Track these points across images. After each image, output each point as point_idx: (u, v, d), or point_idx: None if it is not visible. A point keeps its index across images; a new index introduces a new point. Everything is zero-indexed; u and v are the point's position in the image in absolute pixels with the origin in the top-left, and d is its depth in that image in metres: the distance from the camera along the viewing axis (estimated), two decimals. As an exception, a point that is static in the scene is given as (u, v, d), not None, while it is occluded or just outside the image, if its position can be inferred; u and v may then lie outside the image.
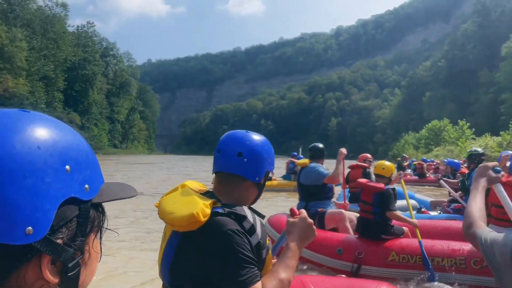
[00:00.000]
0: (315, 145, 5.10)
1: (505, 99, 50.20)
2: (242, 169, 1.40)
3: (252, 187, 1.45)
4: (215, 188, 1.46)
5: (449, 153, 36.45)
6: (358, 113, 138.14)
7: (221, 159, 1.44)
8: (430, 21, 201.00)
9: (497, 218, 3.73)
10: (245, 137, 1.46)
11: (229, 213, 1.28)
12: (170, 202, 1.32)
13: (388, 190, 4.09)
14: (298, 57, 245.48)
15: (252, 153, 1.42)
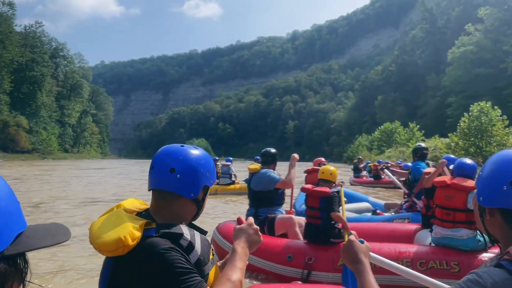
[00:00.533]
0: (267, 150, 4.98)
1: (451, 102, 52.74)
2: (176, 186, 1.34)
3: (189, 204, 1.39)
4: (151, 207, 1.40)
5: (401, 154, 37.88)
6: (314, 115, 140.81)
7: (155, 175, 1.38)
8: (381, 27, 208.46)
9: (442, 219, 3.77)
10: (178, 152, 1.40)
11: (162, 234, 1.22)
12: (99, 226, 1.25)
13: (333, 193, 4.11)
14: (255, 60, 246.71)
15: (185, 168, 1.36)
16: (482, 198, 1.05)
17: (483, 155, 21.85)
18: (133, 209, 1.37)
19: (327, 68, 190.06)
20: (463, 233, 3.58)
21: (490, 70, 48.06)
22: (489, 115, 22.00)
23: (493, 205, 1.01)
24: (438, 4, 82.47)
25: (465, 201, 3.61)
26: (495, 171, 1.02)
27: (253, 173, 4.82)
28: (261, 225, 4.41)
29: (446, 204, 3.74)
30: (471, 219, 3.54)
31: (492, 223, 1.05)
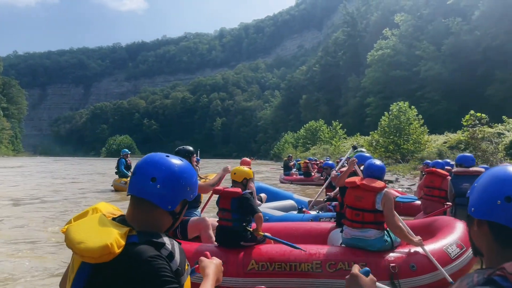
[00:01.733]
0: (181, 148, 4.59)
1: (370, 102, 55.71)
2: (154, 196, 1.33)
3: (164, 215, 1.37)
4: (128, 213, 1.38)
5: (325, 151, 39.14)
6: (242, 113, 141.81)
7: (135, 182, 1.37)
8: (305, 29, 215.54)
9: (351, 220, 3.78)
10: (162, 161, 1.38)
11: (146, 241, 1.23)
12: (80, 230, 1.23)
13: (245, 194, 3.93)
14: (182, 56, 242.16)
15: (167, 179, 1.34)
16: (474, 209, 1.05)
17: (401, 152, 23.14)
18: (108, 214, 1.36)
19: (254, 66, 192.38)
20: (371, 234, 3.62)
21: (405, 72, 51.44)
22: (406, 114, 23.39)
23: (484, 218, 1.01)
24: (358, 9, 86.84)
25: (373, 202, 3.63)
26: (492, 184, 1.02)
27: None
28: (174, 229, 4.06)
29: (355, 205, 3.77)
30: (380, 220, 3.62)
31: (479, 235, 1.06)
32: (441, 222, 4.47)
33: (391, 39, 56.30)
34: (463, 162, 5.64)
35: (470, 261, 3.72)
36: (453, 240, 3.82)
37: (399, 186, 12.54)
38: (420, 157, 18.44)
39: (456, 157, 5.91)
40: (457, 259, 3.63)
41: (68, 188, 13.77)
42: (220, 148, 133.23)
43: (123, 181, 12.37)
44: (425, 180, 6.52)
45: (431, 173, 6.47)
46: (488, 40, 40.87)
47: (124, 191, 12.27)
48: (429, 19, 52.43)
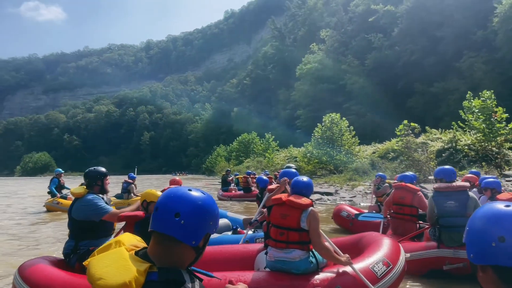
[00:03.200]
0: (92, 170, 4.14)
1: (300, 115, 56.86)
2: (178, 231, 1.32)
3: (188, 250, 1.36)
4: (150, 248, 1.37)
5: (259, 163, 38.83)
6: (171, 126, 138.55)
7: (158, 217, 1.36)
8: (235, 43, 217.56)
9: (276, 240, 3.57)
10: (185, 196, 1.39)
11: (166, 280, 1.23)
12: (101, 265, 1.24)
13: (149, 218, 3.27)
14: (106, 68, 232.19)
15: (190, 214, 1.35)
16: (473, 255, 1.03)
17: (334, 163, 23.34)
18: (131, 246, 1.37)
19: (184, 79, 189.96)
20: (296, 255, 3.45)
21: (332, 86, 53.21)
22: (339, 126, 23.76)
23: (485, 263, 0.99)
24: (286, 24, 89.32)
25: (298, 220, 3.47)
26: (482, 227, 1.02)
27: (76, 198, 3.98)
28: (81, 259, 3.64)
29: (280, 223, 3.59)
30: (305, 240, 3.45)
31: (486, 280, 1.03)
32: (368, 239, 4.30)
33: (318, 54, 58.21)
34: (443, 176, 4.99)
35: (397, 279, 3.61)
36: (379, 258, 3.68)
37: (340, 198, 12.24)
38: (354, 168, 18.62)
39: (435, 171, 5.29)
40: (384, 278, 3.49)
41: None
42: (149, 163, 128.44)
43: (56, 201, 11.96)
44: (394, 196, 5.90)
45: (400, 188, 5.87)
46: (407, 55, 43.63)
47: (57, 211, 11.70)
48: (353, 35, 55.03)
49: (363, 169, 17.92)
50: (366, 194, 12.43)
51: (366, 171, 17.73)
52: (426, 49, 41.61)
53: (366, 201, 11.28)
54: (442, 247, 4.64)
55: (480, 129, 13.32)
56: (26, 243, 7.25)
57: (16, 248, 6.79)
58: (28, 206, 14.34)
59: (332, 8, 67.75)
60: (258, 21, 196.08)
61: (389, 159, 21.18)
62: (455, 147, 16.91)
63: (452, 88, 35.68)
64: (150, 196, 3.93)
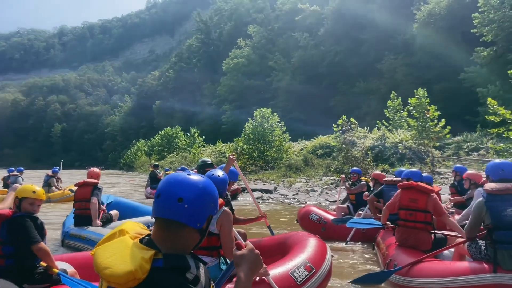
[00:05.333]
0: None
1: (226, 110, 56.15)
2: (182, 216, 1.35)
3: (193, 233, 1.39)
4: (155, 234, 1.39)
5: (183, 159, 37.32)
6: (86, 119, 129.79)
7: (161, 204, 1.38)
8: (157, 34, 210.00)
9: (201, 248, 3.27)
10: (186, 181, 1.41)
11: (171, 267, 1.25)
12: (106, 254, 1.26)
13: (18, 216, 3.14)
14: (13, 53, 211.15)
15: (193, 198, 1.37)
16: None
17: (265, 159, 22.87)
18: (135, 234, 1.39)
19: (101, 68, 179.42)
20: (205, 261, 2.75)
21: (259, 82, 53.20)
22: (270, 121, 23.33)
23: None
24: (212, 18, 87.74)
25: None
26: None
27: None
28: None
29: None
30: (214, 244, 3.17)
31: None
32: (294, 239, 3.99)
33: (245, 49, 57.82)
34: (505, 175, 3.64)
35: (320, 284, 3.34)
36: (302, 261, 3.38)
37: (282, 196, 11.59)
38: (288, 164, 18.24)
39: (487, 167, 3.95)
40: (305, 284, 3.22)
41: None
42: (60, 157, 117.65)
43: None
44: (402, 199, 4.69)
45: (410, 188, 4.66)
46: (331, 55, 44.86)
47: None
48: (280, 32, 55.46)
49: (296, 166, 17.60)
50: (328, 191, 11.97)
51: (300, 168, 17.43)
52: (349, 50, 43.08)
53: (310, 199, 10.77)
54: (500, 271, 3.38)
55: (414, 127, 13.57)
56: None
57: None
58: None
59: (259, 5, 67.84)
60: (182, 13, 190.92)
61: (317, 155, 21.20)
62: (384, 145, 17.23)
63: (374, 89, 37.25)
64: (22, 191, 3.36)
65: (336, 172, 13.88)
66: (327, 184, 12.90)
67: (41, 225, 3.26)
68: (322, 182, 13.46)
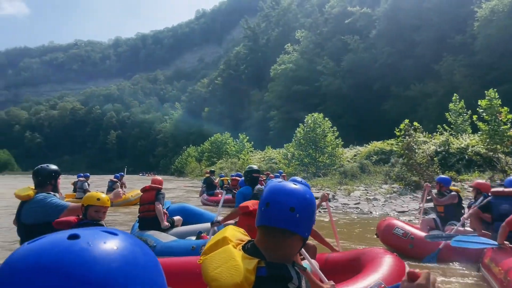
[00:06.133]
0: (45, 168, 3.68)
1: (273, 116, 55.83)
2: (294, 225, 1.36)
3: (298, 242, 1.41)
4: (259, 241, 1.40)
5: (233, 165, 37.33)
6: (139, 126, 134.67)
7: (271, 213, 1.38)
8: (205, 43, 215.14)
9: None
10: (295, 190, 1.42)
11: (274, 276, 1.27)
12: (213, 265, 1.31)
13: (85, 224, 3.25)
14: (72, 64, 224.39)
15: (304, 208, 1.39)
16: None
17: (317, 166, 22.19)
18: (237, 241, 1.42)
19: (153, 78, 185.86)
20: None
21: (307, 87, 52.44)
22: (322, 126, 22.64)
23: None
24: (259, 25, 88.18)
25: None
26: None
27: (23, 201, 3.52)
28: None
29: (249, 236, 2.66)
30: None
31: None
32: (368, 256, 3.67)
33: (293, 54, 57.35)
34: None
35: None
36: (375, 282, 3.05)
37: (342, 205, 10.91)
38: (343, 171, 17.49)
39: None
40: None
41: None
42: (115, 163, 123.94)
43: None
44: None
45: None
46: (383, 57, 43.33)
47: None
48: (328, 36, 54.46)
49: (352, 172, 16.81)
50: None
51: (355, 175, 16.62)
52: (403, 52, 41.42)
53: (375, 209, 10.02)
54: None
55: (485, 131, 12.43)
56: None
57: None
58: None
59: (306, 10, 67.29)
60: (229, 22, 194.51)
61: (372, 162, 20.23)
62: (448, 151, 16.06)
63: (430, 91, 35.43)
64: (87, 199, 3.41)
65: (399, 180, 12.97)
66: (389, 193, 12.07)
67: None
68: (383, 190, 12.62)
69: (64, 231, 0.64)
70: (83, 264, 0.56)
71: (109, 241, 0.61)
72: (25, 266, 0.56)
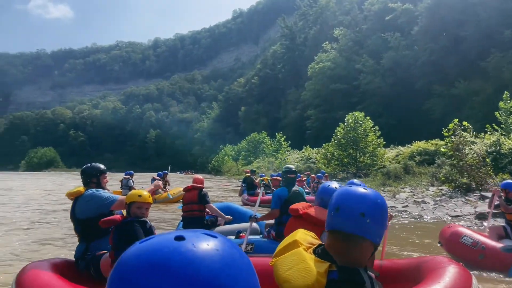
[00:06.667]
0: (88, 167, 3.93)
1: (310, 115, 55.23)
2: (364, 230, 1.35)
3: (369, 247, 1.38)
4: (330, 247, 1.39)
5: (270, 164, 37.26)
6: (177, 125, 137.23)
7: (341, 218, 1.37)
8: (242, 42, 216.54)
9: None
10: (367, 196, 1.40)
11: (346, 280, 1.26)
12: (285, 267, 1.32)
13: (129, 222, 3.22)
14: (113, 65, 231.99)
15: (375, 213, 1.37)
16: None
17: (357, 166, 21.68)
18: (307, 245, 1.42)
19: (190, 77, 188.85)
20: None
21: (345, 86, 51.52)
22: (363, 126, 22.08)
23: None
24: (296, 23, 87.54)
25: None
26: None
27: (76, 197, 3.70)
28: (88, 266, 3.41)
29: None
30: None
31: None
32: (430, 265, 3.34)
33: (331, 53, 56.52)
34: None
35: None
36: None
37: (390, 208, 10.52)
38: (386, 171, 16.94)
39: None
40: None
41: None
42: (153, 161, 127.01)
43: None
44: None
45: None
46: (426, 55, 41.82)
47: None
48: (368, 34, 53.25)
49: (396, 173, 16.24)
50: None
51: (399, 176, 16.04)
52: (446, 48, 39.78)
53: (426, 213, 9.55)
54: None
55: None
56: (44, 241, 6.63)
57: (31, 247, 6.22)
58: (45, 203, 13.00)
59: (345, 7, 66.04)
60: (266, 21, 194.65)
61: (415, 162, 19.51)
62: (499, 151, 15.20)
63: (477, 89, 33.85)
64: (130, 197, 3.43)
65: (447, 181, 12.36)
66: (438, 195, 11.53)
67: (150, 228, 3.25)
68: (431, 192, 12.07)
69: (170, 232, 0.69)
70: (190, 264, 0.60)
71: (210, 243, 0.65)
72: (139, 264, 0.62)
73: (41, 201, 13.92)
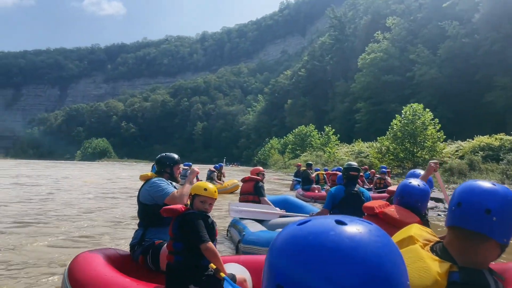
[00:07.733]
0: (162, 156, 3.91)
1: (360, 108, 53.58)
2: (489, 228, 1.23)
3: (495, 248, 1.25)
4: (450, 245, 1.30)
5: (318, 158, 36.43)
6: (223, 117, 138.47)
7: (463, 213, 1.26)
8: (289, 34, 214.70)
9: None
10: (495, 191, 1.26)
11: (469, 283, 1.16)
12: None
13: (189, 213, 2.99)
14: (162, 59, 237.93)
15: (502, 210, 1.23)
16: None
17: (415, 161, 20.53)
18: (424, 241, 1.34)
19: (237, 70, 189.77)
20: None
21: (398, 77, 49.47)
22: (422, 118, 20.82)
23: None
24: (345, 14, 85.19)
25: None
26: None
27: (144, 181, 3.76)
28: (145, 253, 3.36)
29: None
30: None
31: None
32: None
33: (383, 43, 54.41)
34: None
35: None
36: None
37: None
38: (449, 167, 15.81)
39: None
40: None
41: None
42: (200, 153, 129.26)
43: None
44: None
45: None
46: (488, 44, 39.16)
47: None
48: (423, 23, 50.73)
49: (460, 170, 15.11)
50: None
51: (463, 172, 14.90)
52: (510, 37, 37.01)
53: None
54: None
55: None
56: (102, 230, 6.60)
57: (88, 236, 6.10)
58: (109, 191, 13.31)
59: (398, -5, 63.34)
60: (313, 12, 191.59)
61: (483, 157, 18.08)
62: None
63: (547, 81, 31.24)
64: (195, 188, 3.22)
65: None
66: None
67: (211, 224, 3.05)
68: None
69: (328, 216, 0.68)
70: (358, 247, 0.60)
71: (372, 229, 0.66)
72: (308, 244, 0.62)
73: (103, 189, 14.26)
